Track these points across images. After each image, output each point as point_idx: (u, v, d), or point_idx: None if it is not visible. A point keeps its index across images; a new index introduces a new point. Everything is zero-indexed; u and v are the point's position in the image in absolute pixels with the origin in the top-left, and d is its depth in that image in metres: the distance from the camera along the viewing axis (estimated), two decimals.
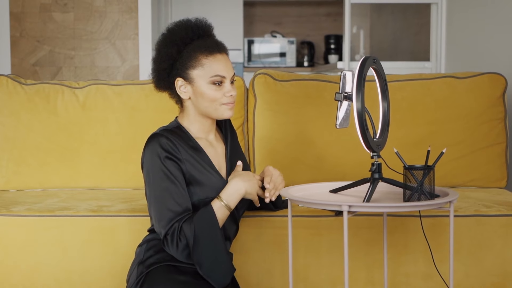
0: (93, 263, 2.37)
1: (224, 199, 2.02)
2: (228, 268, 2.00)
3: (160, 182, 1.99)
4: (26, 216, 2.38)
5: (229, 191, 2.04)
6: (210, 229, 1.97)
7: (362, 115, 1.89)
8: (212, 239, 1.96)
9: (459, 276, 2.33)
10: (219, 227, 1.99)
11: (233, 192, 2.04)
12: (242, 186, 2.05)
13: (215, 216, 1.98)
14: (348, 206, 1.79)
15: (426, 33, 4.89)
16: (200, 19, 2.12)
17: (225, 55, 2.08)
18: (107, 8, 4.64)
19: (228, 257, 2.01)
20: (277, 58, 6.94)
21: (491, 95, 2.86)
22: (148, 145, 2.03)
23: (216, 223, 1.98)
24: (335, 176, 2.75)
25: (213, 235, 1.97)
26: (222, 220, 2.02)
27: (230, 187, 2.04)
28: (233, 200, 2.04)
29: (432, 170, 1.90)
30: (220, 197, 2.02)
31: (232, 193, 2.04)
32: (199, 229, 1.95)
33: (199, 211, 1.99)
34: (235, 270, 2.04)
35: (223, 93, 2.05)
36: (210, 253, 1.96)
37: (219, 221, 2.00)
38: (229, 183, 2.05)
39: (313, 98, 2.84)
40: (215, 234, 1.97)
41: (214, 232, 1.97)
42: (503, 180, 2.86)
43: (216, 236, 1.97)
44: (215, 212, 1.99)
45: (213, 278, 1.97)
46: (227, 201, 2.02)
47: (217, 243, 1.97)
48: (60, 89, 2.90)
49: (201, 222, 1.96)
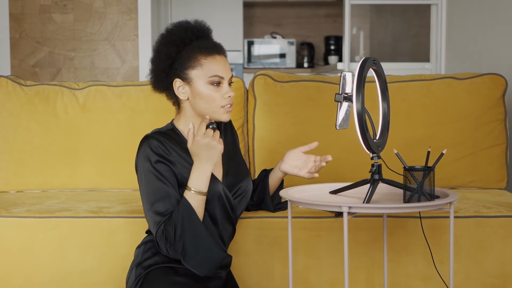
0: (93, 264, 2.36)
1: (192, 187, 1.99)
2: (213, 257, 1.99)
3: (151, 184, 1.99)
4: (26, 217, 2.38)
5: (194, 178, 2.00)
6: (187, 219, 1.96)
7: (362, 116, 1.88)
8: (190, 229, 1.96)
9: (459, 277, 2.33)
10: (197, 215, 1.98)
11: (199, 177, 2.00)
12: (206, 166, 1.99)
13: (190, 206, 1.97)
14: (348, 207, 1.78)
15: (426, 34, 4.89)
16: (199, 21, 2.13)
17: (223, 57, 2.09)
18: (107, 9, 4.64)
19: (213, 246, 1.99)
20: (277, 59, 6.94)
21: (491, 96, 2.86)
22: (139, 148, 2.04)
23: (193, 212, 1.97)
24: (335, 177, 2.75)
25: (191, 225, 1.96)
26: (200, 207, 2.00)
27: (194, 173, 2.00)
28: (203, 183, 1.99)
29: (432, 171, 1.89)
30: (188, 186, 1.99)
31: (198, 177, 2.00)
32: (177, 222, 1.95)
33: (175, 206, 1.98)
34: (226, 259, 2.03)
35: (221, 95, 2.05)
36: (192, 243, 1.96)
37: (196, 209, 1.98)
38: (192, 168, 2.00)
39: (313, 99, 2.84)
40: (193, 223, 1.97)
41: (191, 221, 1.96)
42: (503, 181, 2.86)
43: (194, 224, 1.97)
44: (189, 202, 1.98)
45: (197, 268, 1.97)
46: (196, 187, 1.99)
47: (197, 231, 1.97)
48: (60, 90, 2.90)
49: (178, 215, 1.96)
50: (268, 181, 2.27)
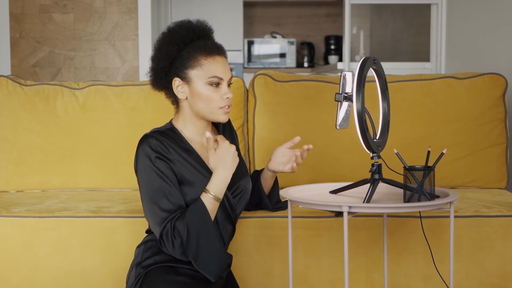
0: (93, 264, 2.36)
1: (212, 191, 2.00)
2: (223, 260, 2.00)
3: (153, 182, 1.99)
4: (26, 217, 2.38)
5: (216, 182, 2.01)
6: (202, 222, 1.97)
7: (362, 116, 1.88)
8: (205, 233, 1.97)
9: (459, 277, 2.33)
10: (211, 219, 1.99)
11: (221, 183, 2.02)
12: (228, 174, 2.02)
13: (206, 210, 1.98)
14: (348, 207, 1.79)
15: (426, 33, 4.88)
16: (201, 21, 2.13)
17: (224, 58, 2.09)
18: (107, 9, 4.64)
19: (223, 250, 2.01)
20: (277, 59, 6.94)
21: (491, 95, 2.86)
22: (138, 148, 2.04)
23: (208, 216, 1.98)
24: (335, 177, 2.75)
25: (206, 229, 1.97)
26: (214, 211, 2.02)
27: (217, 178, 2.02)
28: (221, 190, 2.02)
29: (432, 171, 1.89)
30: (207, 190, 2.01)
31: (219, 184, 2.02)
32: (191, 224, 1.95)
33: (190, 206, 1.99)
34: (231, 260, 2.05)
35: (220, 96, 2.05)
36: (204, 247, 1.96)
37: (210, 213, 1.99)
38: (214, 173, 2.02)
39: (313, 98, 2.84)
40: (208, 227, 1.97)
41: (206, 225, 1.97)
42: (503, 181, 2.86)
43: (209, 229, 1.97)
44: (206, 206, 1.99)
45: (209, 272, 1.97)
46: (215, 192, 2.01)
47: (211, 235, 1.98)
48: (60, 90, 2.90)
49: (193, 216, 1.96)
50: (260, 181, 2.27)
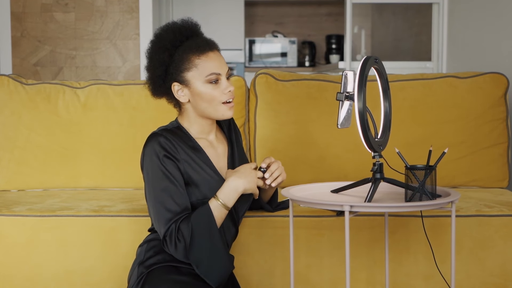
0: (94, 263, 2.36)
1: (221, 198, 1.99)
2: (226, 268, 1.99)
3: (159, 181, 1.98)
4: (27, 216, 2.38)
5: (226, 190, 2.00)
6: (208, 228, 1.96)
7: (364, 115, 1.88)
8: (209, 239, 1.95)
9: (461, 276, 2.33)
10: (216, 226, 1.97)
11: (230, 191, 2.00)
12: (240, 184, 2.01)
13: (212, 215, 1.97)
14: (350, 206, 1.78)
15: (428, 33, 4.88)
16: (185, 19, 2.09)
17: (217, 52, 2.06)
18: (108, 8, 4.64)
19: (226, 257, 2.00)
20: (278, 58, 6.94)
21: (493, 95, 2.86)
22: (147, 145, 2.02)
23: (214, 222, 1.97)
24: (336, 176, 2.75)
25: (211, 235, 1.96)
26: (220, 218, 2.00)
27: (227, 186, 2.00)
28: (231, 199, 2.01)
29: (433, 170, 1.89)
30: (217, 196, 2.00)
31: (229, 192, 2.00)
32: (196, 229, 1.94)
33: (196, 210, 1.98)
34: (233, 268, 2.03)
35: (221, 90, 2.04)
36: (207, 253, 1.95)
37: (216, 220, 1.98)
38: (226, 181, 2.01)
39: (314, 98, 2.84)
40: (213, 233, 1.96)
41: (211, 231, 1.96)
42: (505, 180, 2.86)
43: (213, 235, 1.96)
44: (212, 211, 1.98)
45: (210, 278, 1.96)
46: (224, 200, 1.99)
47: (215, 242, 1.96)
48: (61, 89, 2.90)
49: (198, 221, 1.95)
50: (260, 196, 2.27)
